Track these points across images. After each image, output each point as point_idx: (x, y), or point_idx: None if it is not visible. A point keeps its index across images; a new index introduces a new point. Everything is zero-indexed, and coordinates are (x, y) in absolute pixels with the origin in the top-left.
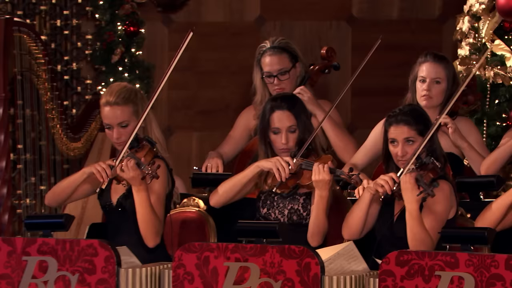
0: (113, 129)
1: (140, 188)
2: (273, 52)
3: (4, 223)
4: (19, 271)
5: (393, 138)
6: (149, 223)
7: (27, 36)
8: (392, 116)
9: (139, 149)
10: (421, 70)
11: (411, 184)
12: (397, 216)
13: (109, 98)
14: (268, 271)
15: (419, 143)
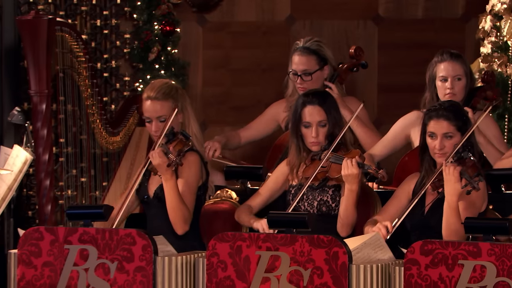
0: (152, 122)
1: (168, 176)
2: (302, 52)
3: (47, 214)
4: (62, 259)
5: (432, 132)
6: (177, 211)
7: (68, 36)
8: (433, 111)
9: (173, 141)
10: (440, 70)
11: (455, 177)
12: (429, 206)
13: (151, 93)
14: (298, 259)
15: (457, 138)
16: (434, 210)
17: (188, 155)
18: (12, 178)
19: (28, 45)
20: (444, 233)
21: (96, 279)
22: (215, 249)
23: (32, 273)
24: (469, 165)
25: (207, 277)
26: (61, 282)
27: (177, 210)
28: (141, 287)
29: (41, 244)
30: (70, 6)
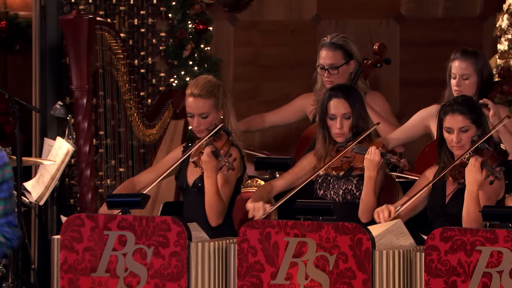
0: (194, 117)
1: (211, 175)
2: (329, 47)
3: (88, 202)
4: (101, 244)
5: (449, 127)
6: (213, 207)
7: (108, 34)
8: (448, 106)
9: (217, 138)
10: (453, 67)
11: (476, 168)
12: (450, 196)
13: (194, 90)
14: (324, 245)
15: (473, 130)
16: (454, 199)
17: (230, 151)
18: (55, 168)
19: (70, 43)
20: (464, 221)
21: (133, 263)
22: (246, 236)
23: (74, 257)
24: (488, 155)
25: (238, 262)
26: (101, 266)
27: (214, 205)
28: (176, 271)
29: (82, 230)
30: (109, 6)
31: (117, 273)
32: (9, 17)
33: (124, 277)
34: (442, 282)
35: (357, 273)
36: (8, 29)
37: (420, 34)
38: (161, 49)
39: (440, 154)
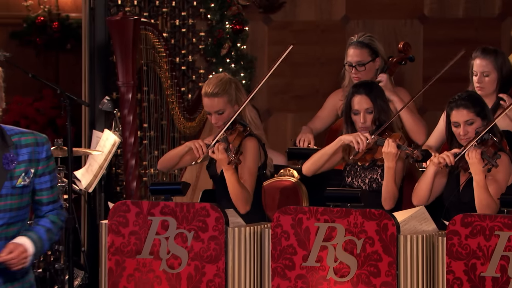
0: (211, 115)
1: (227, 168)
2: (356, 45)
3: (133, 189)
4: (146, 229)
5: (455, 121)
6: (238, 195)
7: (151, 34)
8: (453, 102)
9: (233, 131)
10: (474, 65)
11: (477, 159)
12: (463, 185)
13: (207, 89)
14: (352, 230)
15: (478, 123)
16: (467, 188)
17: (247, 141)
18: (103, 158)
19: (117, 42)
20: (477, 208)
21: (175, 247)
22: (279, 221)
23: (120, 240)
24: (489, 144)
25: (272, 246)
26: (145, 249)
27: (237, 194)
28: (214, 254)
29: (128, 216)
30: (153, 8)
31: (160, 255)
32: (61, 19)
33: (166, 259)
34: (463, 264)
35: (383, 256)
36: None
37: (442, 34)
38: (201, 47)
39: (450, 147)
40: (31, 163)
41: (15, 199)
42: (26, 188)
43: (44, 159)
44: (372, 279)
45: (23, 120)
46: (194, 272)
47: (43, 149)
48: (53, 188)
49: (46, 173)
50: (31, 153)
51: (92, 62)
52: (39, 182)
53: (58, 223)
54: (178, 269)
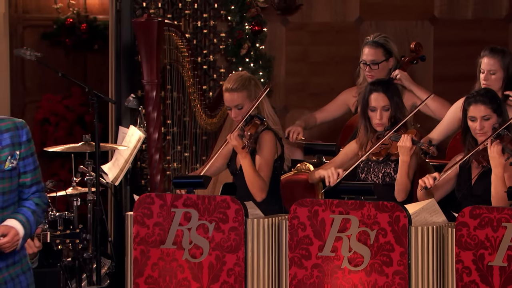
0: (231, 110)
1: (243, 155)
2: (371, 45)
3: (157, 182)
4: (169, 220)
5: (472, 116)
6: (254, 183)
7: (174, 35)
8: (471, 97)
9: (251, 124)
10: (482, 63)
11: (498, 153)
12: (475, 178)
13: (228, 85)
14: (366, 222)
15: (494, 119)
16: (479, 181)
17: (264, 134)
18: (128, 153)
19: (142, 42)
20: (493, 200)
21: (197, 237)
22: (296, 213)
23: (145, 231)
24: (508, 140)
25: (289, 236)
26: (168, 239)
27: (253, 181)
28: (234, 244)
29: (152, 208)
30: (176, 10)
31: (183, 245)
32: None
33: (189, 249)
34: (471, 254)
35: (395, 247)
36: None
37: (451, 34)
38: (221, 47)
39: (464, 141)
40: (14, 147)
41: (6, 182)
42: (14, 170)
43: (26, 141)
44: (384, 268)
45: (53, 117)
46: (215, 261)
47: (23, 132)
48: (36, 169)
49: (29, 155)
50: (12, 137)
51: (118, 62)
52: (23, 164)
53: (42, 205)
54: (200, 258)
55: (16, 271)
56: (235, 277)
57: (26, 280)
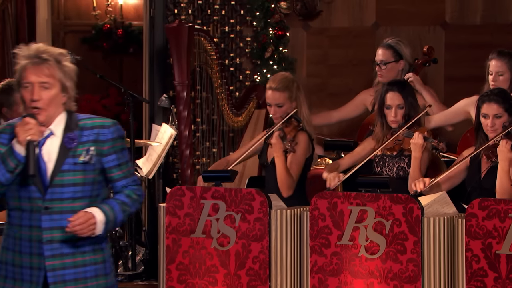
0: (272, 107)
1: (279, 155)
2: (383, 47)
3: (187, 176)
4: (198, 211)
5: (485, 113)
6: (283, 180)
7: (204, 39)
8: (485, 96)
9: (289, 124)
10: (490, 65)
11: (507, 149)
12: (484, 172)
13: (272, 84)
14: (381, 213)
15: (505, 117)
16: (488, 175)
17: (299, 135)
18: (161, 149)
19: (173, 46)
20: (497, 192)
21: (225, 227)
22: (316, 205)
23: (177, 221)
24: None
25: (310, 226)
26: (198, 229)
27: (284, 179)
28: (259, 233)
29: (183, 199)
30: (205, 16)
31: (212, 234)
32: (124, 26)
33: (217, 238)
34: (480, 243)
35: (409, 236)
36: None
37: (461, 38)
38: (247, 51)
39: (477, 136)
40: (96, 143)
41: (78, 174)
42: (88, 165)
43: (110, 140)
44: (399, 256)
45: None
46: (241, 249)
47: (109, 131)
48: (121, 165)
49: (111, 152)
50: (96, 134)
51: (152, 64)
52: (106, 161)
53: (133, 196)
54: (227, 246)
55: (85, 261)
56: (259, 264)
57: (94, 272)
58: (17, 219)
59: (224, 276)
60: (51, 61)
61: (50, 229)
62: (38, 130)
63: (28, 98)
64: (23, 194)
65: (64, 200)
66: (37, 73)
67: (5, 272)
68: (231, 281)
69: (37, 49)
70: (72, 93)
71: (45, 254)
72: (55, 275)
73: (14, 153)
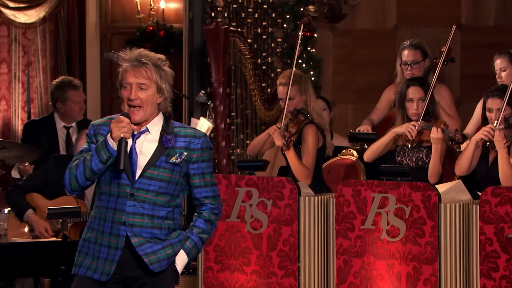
0: (283, 101)
1: (286, 150)
2: (410, 47)
3: (223, 166)
4: (233, 197)
5: (490, 107)
6: (298, 171)
7: (238, 40)
8: (490, 92)
9: (295, 118)
10: (495, 65)
11: (501, 137)
12: (491, 162)
13: (282, 80)
14: (402, 199)
15: (508, 111)
16: (495, 163)
17: (307, 127)
18: None
19: (211, 46)
20: (501, 179)
21: (257, 212)
22: (342, 192)
23: None
24: None
25: (336, 212)
26: (233, 214)
27: (298, 170)
28: (289, 218)
29: (219, 187)
30: (239, 19)
31: (245, 219)
32: (166, 28)
33: (250, 222)
34: (493, 227)
35: (427, 221)
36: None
37: (476, 39)
38: (278, 51)
39: None
40: (187, 150)
41: (167, 172)
42: (177, 166)
43: (199, 149)
44: (418, 239)
45: None
46: (272, 233)
47: (199, 141)
48: (205, 174)
49: (199, 161)
50: (188, 142)
51: (191, 63)
52: (192, 167)
53: (211, 218)
54: (260, 230)
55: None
56: (289, 246)
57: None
58: (105, 202)
59: (257, 257)
60: (149, 64)
61: (132, 214)
62: (130, 129)
63: (126, 97)
64: (114, 180)
65: (149, 192)
66: (135, 75)
67: (87, 249)
68: (263, 262)
69: (139, 54)
70: (168, 95)
71: (125, 234)
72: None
73: (108, 146)
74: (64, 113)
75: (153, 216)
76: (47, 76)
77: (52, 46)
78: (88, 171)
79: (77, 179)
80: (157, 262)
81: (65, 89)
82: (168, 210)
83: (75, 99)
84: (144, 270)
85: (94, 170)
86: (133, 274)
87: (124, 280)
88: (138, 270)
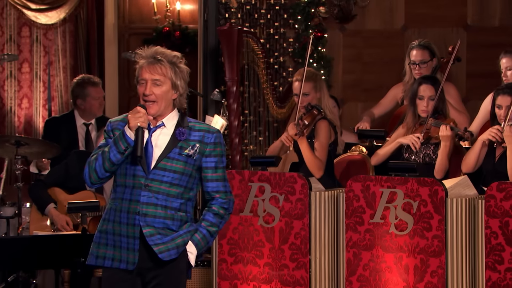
0: (298, 96)
1: (300, 141)
2: (419, 47)
3: (237, 161)
4: (246, 192)
5: (499, 104)
6: (311, 163)
7: (251, 40)
8: (500, 89)
9: (309, 113)
10: (501, 64)
11: (511, 133)
12: (498, 157)
13: (298, 77)
14: (409, 194)
15: None
16: (502, 159)
17: (320, 122)
18: None
19: (224, 46)
20: (509, 173)
21: (270, 206)
22: (351, 187)
23: None
24: None
25: (345, 206)
26: (246, 208)
27: (311, 162)
28: (300, 212)
29: (233, 182)
30: (252, 20)
31: (258, 213)
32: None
33: (263, 216)
34: (498, 221)
35: (434, 215)
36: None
37: (481, 39)
38: (290, 51)
39: (493, 124)
40: (200, 143)
41: (180, 164)
42: (190, 159)
43: (212, 143)
44: (425, 233)
45: None
46: (284, 226)
47: (212, 136)
48: (217, 169)
49: (212, 155)
50: (202, 136)
51: (205, 62)
52: (205, 161)
53: (221, 212)
54: (272, 224)
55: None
56: (301, 239)
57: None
58: (120, 193)
59: (269, 250)
60: (164, 61)
61: (146, 204)
62: (146, 119)
63: (141, 92)
64: (130, 172)
65: (163, 183)
66: (151, 71)
67: (105, 240)
68: (276, 254)
69: (155, 51)
70: (183, 92)
71: (140, 223)
72: (148, 239)
73: (125, 137)
74: (84, 109)
75: (167, 207)
76: (67, 75)
77: (72, 46)
78: (107, 163)
79: (97, 171)
80: (166, 251)
81: (85, 86)
82: (181, 202)
83: (95, 95)
84: (155, 262)
85: (113, 161)
86: (146, 265)
87: (139, 271)
88: (151, 262)
